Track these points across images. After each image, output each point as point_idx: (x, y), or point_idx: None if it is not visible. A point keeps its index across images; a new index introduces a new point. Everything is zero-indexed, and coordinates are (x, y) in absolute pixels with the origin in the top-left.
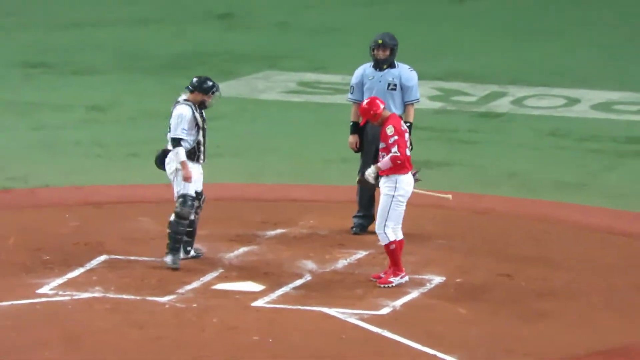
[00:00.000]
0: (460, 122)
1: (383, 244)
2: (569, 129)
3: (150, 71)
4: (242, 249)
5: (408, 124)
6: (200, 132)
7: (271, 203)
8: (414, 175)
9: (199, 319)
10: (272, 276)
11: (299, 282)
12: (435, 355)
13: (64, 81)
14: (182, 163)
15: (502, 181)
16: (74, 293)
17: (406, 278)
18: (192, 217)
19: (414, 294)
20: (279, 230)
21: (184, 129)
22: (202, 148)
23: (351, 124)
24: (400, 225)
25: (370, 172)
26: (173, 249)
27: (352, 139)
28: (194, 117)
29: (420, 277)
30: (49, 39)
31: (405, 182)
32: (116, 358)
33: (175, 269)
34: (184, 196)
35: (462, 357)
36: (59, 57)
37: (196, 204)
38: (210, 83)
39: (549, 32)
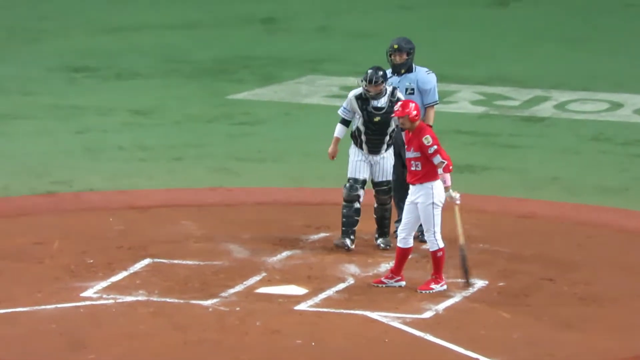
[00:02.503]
0: (503, 126)
1: (432, 250)
2: (611, 134)
3: (193, 75)
4: (285, 253)
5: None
6: (360, 120)
7: (314, 207)
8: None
9: (242, 322)
10: (315, 280)
11: (341, 285)
12: (477, 359)
13: (108, 85)
14: (335, 138)
15: (545, 185)
16: (118, 296)
17: (445, 287)
18: (357, 204)
19: (457, 298)
20: (321, 234)
21: (344, 108)
22: (362, 137)
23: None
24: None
25: (454, 196)
26: (343, 233)
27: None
28: (355, 103)
29: (463, 281)
30: (92, 44)
31: (440, 187)
32: None
33: (345, 248)
34: (348, 180)
35: None
36: (102, 62)
37: (360, 192)
38: (367, 74)
39: (592, 37)
